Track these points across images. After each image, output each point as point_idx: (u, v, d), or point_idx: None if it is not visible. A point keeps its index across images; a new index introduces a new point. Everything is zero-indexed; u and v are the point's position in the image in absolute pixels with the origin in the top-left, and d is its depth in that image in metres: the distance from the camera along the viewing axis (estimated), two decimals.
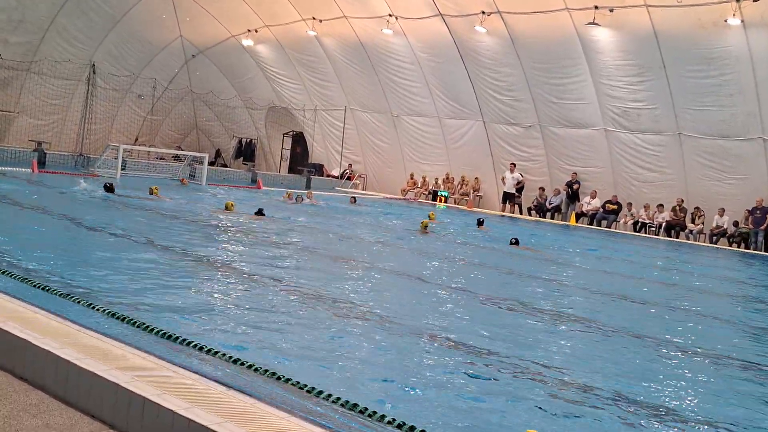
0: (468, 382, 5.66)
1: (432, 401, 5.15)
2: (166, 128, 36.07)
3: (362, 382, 5.44)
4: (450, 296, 9.50)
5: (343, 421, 4.28)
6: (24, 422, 3.82)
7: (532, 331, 7.80)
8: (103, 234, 11.37)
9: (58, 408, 4.09)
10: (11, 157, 24.73)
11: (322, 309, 7.65)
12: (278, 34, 31.03)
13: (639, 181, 24.35)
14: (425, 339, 6.82)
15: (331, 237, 14.90)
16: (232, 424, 3.57)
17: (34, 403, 4.12)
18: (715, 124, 21.72)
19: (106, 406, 3.97)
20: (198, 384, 4.16)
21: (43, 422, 3.86)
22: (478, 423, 4.87)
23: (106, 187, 17.07)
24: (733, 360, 7.36)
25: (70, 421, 3.92)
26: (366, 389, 5.23)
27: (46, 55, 28.80)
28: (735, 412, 5.63)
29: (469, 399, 5.29)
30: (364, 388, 5.24)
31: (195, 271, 9.13)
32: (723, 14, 19.68)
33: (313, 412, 4.34)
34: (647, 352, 7.46)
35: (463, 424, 4.81)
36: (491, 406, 5.21)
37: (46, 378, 4.35)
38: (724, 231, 22.59)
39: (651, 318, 9.62)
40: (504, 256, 14.76)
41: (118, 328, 5.60)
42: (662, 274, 14.89)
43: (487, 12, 23.93)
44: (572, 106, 24.61)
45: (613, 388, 5.78)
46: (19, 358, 4.55)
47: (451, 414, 4.94)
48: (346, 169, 32.74)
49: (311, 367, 5.56)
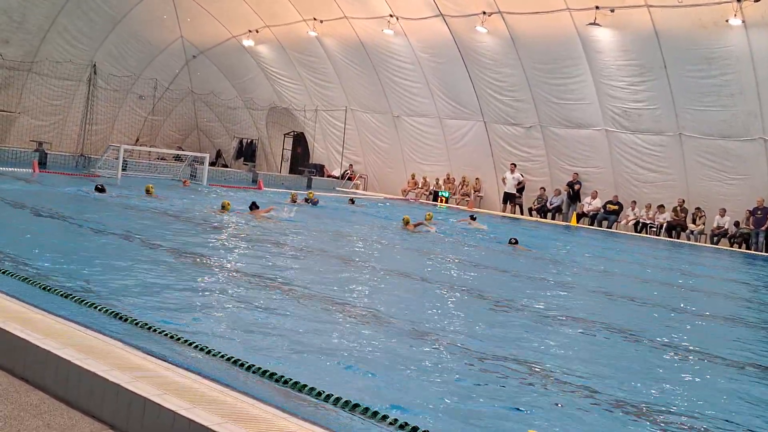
0: (468, 381, 5.65)
1: (435, 401, 5.14)
2: (167, 129, 36.08)
3: (364, 382, 5.43)
4: (451, 296, 9.49)
5: (345, 422, 4.27)
6: (24, 422, 3.81)
7: (532, 330, 7.79)
8: (103, 234, 11.37)
9: (59, 408, 4.08)
10: (12, 158, 24.74)
11: (323, 310, 7.64)
12: (279, 34, 31.04)
13: (640, 181, 24.34)
14: (427, 339, 6.81)
15: (330, 237, 14.90)
16: (233, 424, 3.57)
17: (35, 403, 4.12)
18: (716, 124, 21.70)
19: (107, 406, 3.97)
20: (199, 384, 4.15)
21: (44, 422, 3.85)
22: (478, 422, 4.86)
23: (97, 189, 17.02)
24: (749, 365, 7.35)
25: (70, 422, 3.91)
26: (368, 390, 5.22)
27: (46, 56, 28.82)
28: (743, 415, 5.62)
29: (470, 398, 5.29)
30: (366, 389, 5.23)
31: (195, 270, 9.13)
32: (724, 14, 19.68)
33: (315, 413, 4.33)
34: (654, 353, 7.44)
35: (464, 423, 4.81)
36: (491, 406, 5.21)
37: (47, 378, 4.34)
38: (725, 231, 22.58)
39: (654, 318, 9.61)
40: (506, 256, 14.76)
41: (118, 328, 5.60)
42: (668, 276, 14.87)
43: (488, 12, 23.93)
44: (573, 107, 24.61)
45: (613, 389, 5.76)
46: (19, 359, 4.54)
47: (454, 414, 4.93)
48: (347, 169, 32.74)
49: (313, 368, 5.55)
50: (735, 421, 5.36)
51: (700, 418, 5.32)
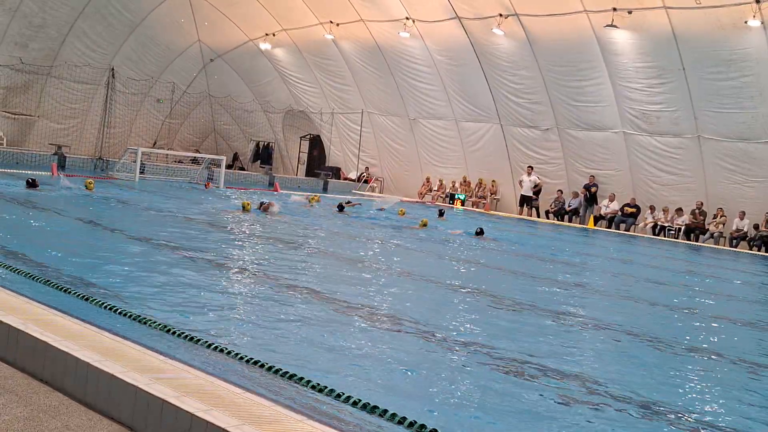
0: (468, 382, 5.64)
1: (449, 401, 5.13)
2: (185, 132, 36.27)
3: (382, 384, 5.42)
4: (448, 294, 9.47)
5: (364, 425, 4.27)
6: (44, 424, 3.84)
7: (550, 332, 7.75)
8: (121, 235, 11.43)
9: (78, 410, 4.11)
10: (31, 161, 24.95)
11: (340, 311, 7.64)
12: (295, 37, 31.13)
13: (658, 183, 24.20)
14: (437, 340, 6.80)
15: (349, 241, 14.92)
16: (250, 426, 3.57)
17: (54, 405, 4.14)
18: (735, 126, 21.54)
19: (125, 408, 3.99)
20: (216, 386, 4.16)
21: (63, 424, 3.87)
22: (480, 422, 4.85)
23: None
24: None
25: (89, 423, 3.93)
26: (388, 392, 5.20)
27: (65, 60, 29.06)
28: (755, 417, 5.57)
29: (468, 399, 5.27)
30: (386, 391, 5.21)
31: (213, 272, 9.15)
32: (743, 15, 19.54)
33: (333, 415, 4.33)
34: (671, 357, 7.39)
35: (465, 423, 4.79)
36: (497, 403, 5.19)
37: (66, 380, 4.37)
38: (744, 234, 22.39)
39: (677, 322, 9.55)
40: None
41: (137, 331, 5.63)
42: (697, 281, 14.77)
43: (505, 14, 23.88)
44: (590, 109, 24.51)
45: (627, 393, 5.72)
46: (39, 361, 4.58)
47: (457, 413, 4.92)
48: (363, 172, 32.77)
49: (333, 370, 5.54)
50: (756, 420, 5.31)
51: (723, 424, 5.27)
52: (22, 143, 29.29)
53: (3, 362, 4.76)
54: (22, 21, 27.34)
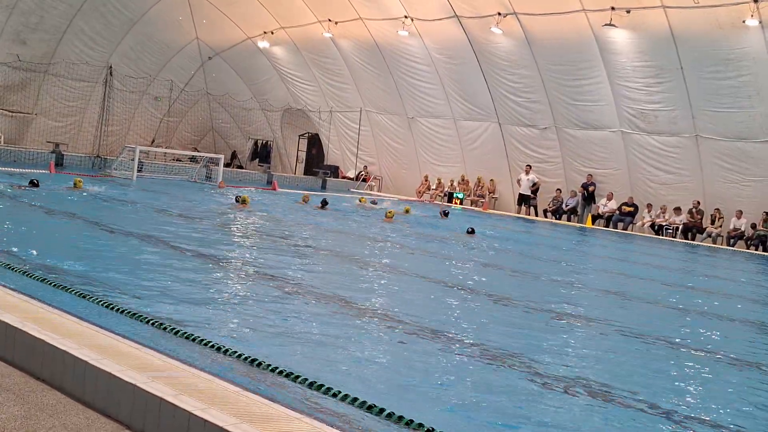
0: (469, 381, 5.64)
1: (448, 401, 5.14)
2: (183, 130, 36.24)
3: (380, 383, 5.42)
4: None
5: (363, 423, 4.27)
6: (41, 422, 3.83)
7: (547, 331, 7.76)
8: (119, 234, 11.42)
9: (76, 408, 4.10)
10: (29, 159, 24.93)
11: (339, 311, 7.64)
12: (294, 36, 31.10)
13: (656, 182, 24.21)
14: (442, 341, 6.81)
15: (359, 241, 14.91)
16: (248, 425, 3.57)
17: (52, 403, 4.14)
18: (733, 125, 21.56)
19: (123, 406, 3.99)
20: (214, 385, 4.16)
21: (61, 422, 3.87)
22: (480, 421, 4.85)
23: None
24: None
25: (87, 421, 3.93)
26: (383, 390, 5.21)
27: (63, 57, 29.03)
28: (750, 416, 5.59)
29: (469, 398, 5.27)
30: (381, 389, 5.22)
31: (211, 270, 9.14)
32: (741, 15, 19.54)
33: (331, 413, 4.33)
34: (674, 355, 7.41)
35: (466, 423, 4.80)
36: (496, 402, 5.20)
37: (64, 378, 4.37)
38: (741, 233, 22.42)
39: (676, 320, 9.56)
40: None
41: (135, 329, 5.62)
42: (696, 280, 14.80)
43: (503, 13, 23.87)
44: (589, 108, 24.50)
45: (629, 390, 5.73)
46: (37, 359, 4.57)
47: (459, 413, 4.93)
48: (361, 170, 32.76)
49: (330, 368, 5.55)
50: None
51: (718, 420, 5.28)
52: (19, 141, 29.25)
53: (0, 361, 4.76)
54: (19, 18, 27.30)
